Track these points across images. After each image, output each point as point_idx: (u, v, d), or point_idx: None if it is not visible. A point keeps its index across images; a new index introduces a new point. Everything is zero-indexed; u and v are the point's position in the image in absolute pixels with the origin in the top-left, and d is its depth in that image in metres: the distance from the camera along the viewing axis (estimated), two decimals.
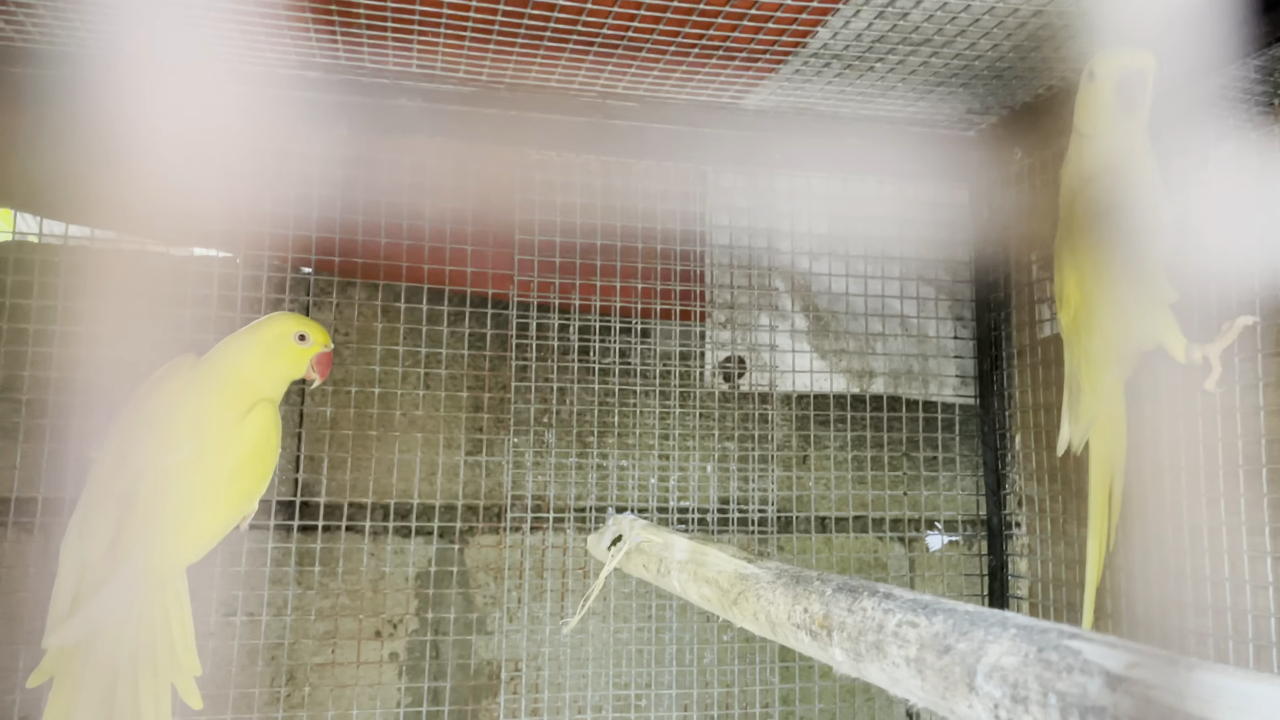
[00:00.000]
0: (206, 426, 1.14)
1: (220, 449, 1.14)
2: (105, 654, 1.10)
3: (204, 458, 1.13)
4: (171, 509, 1.11)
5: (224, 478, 1.14)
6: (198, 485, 1.13)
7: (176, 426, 1.14)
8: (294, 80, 1.35)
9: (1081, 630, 0.51)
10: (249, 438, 1.16)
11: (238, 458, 1.15)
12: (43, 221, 1.34)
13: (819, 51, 1.26)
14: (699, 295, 1.56)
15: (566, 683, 1.48)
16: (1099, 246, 1.16)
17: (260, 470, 1.18)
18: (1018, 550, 1.57)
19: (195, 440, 1.13)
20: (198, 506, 1.13)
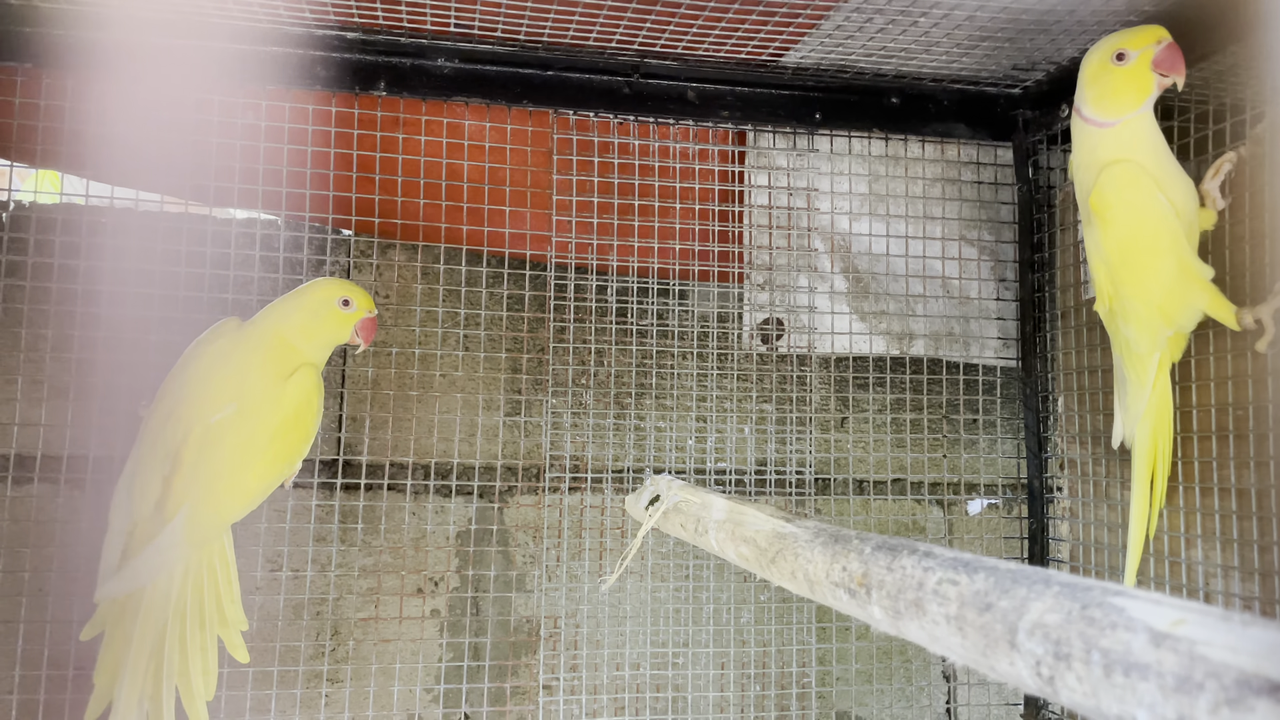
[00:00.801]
0: (249, 388, 1.16)
1: (262, 411, 1.16)
2: (153, 608, 1.13)
3: (246, 419, 1.15)
4: (215, 468, 1.14)
5: (265, 439, 1.16)
6: (240, 445, 1.15)
7: (220, 387, 1.16)
8: (333, 41, 1.35)
9: (1126, 588, 0.51)
10: (291, 400, 1.18)
11: (280, 420, 1.17)
12: (89, 184, 1.36)
13: (861, 6, 1.23)
14: (737, 256, 1.55)
15: (605, 640, 1.50)
16: (1123, 240, 1.14)
17: (301, 433, 1.20)
18: (1059, 514, 1.56)
19: (239, 401, 1.15)
20: (240, 466, 1.16)
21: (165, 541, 1.12)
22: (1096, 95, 1.15)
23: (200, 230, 1.40)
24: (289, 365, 1.19)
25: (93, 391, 1.37)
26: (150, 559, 1.12)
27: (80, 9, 1.27)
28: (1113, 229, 1.14)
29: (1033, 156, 1.58)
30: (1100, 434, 1.46)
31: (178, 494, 1.13)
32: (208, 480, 1.14)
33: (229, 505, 1.17)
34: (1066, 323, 1.53)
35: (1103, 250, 1.17)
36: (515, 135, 1.46)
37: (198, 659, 1.15)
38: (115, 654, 1.14)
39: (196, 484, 1.13)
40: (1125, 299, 1.16)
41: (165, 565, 1.13)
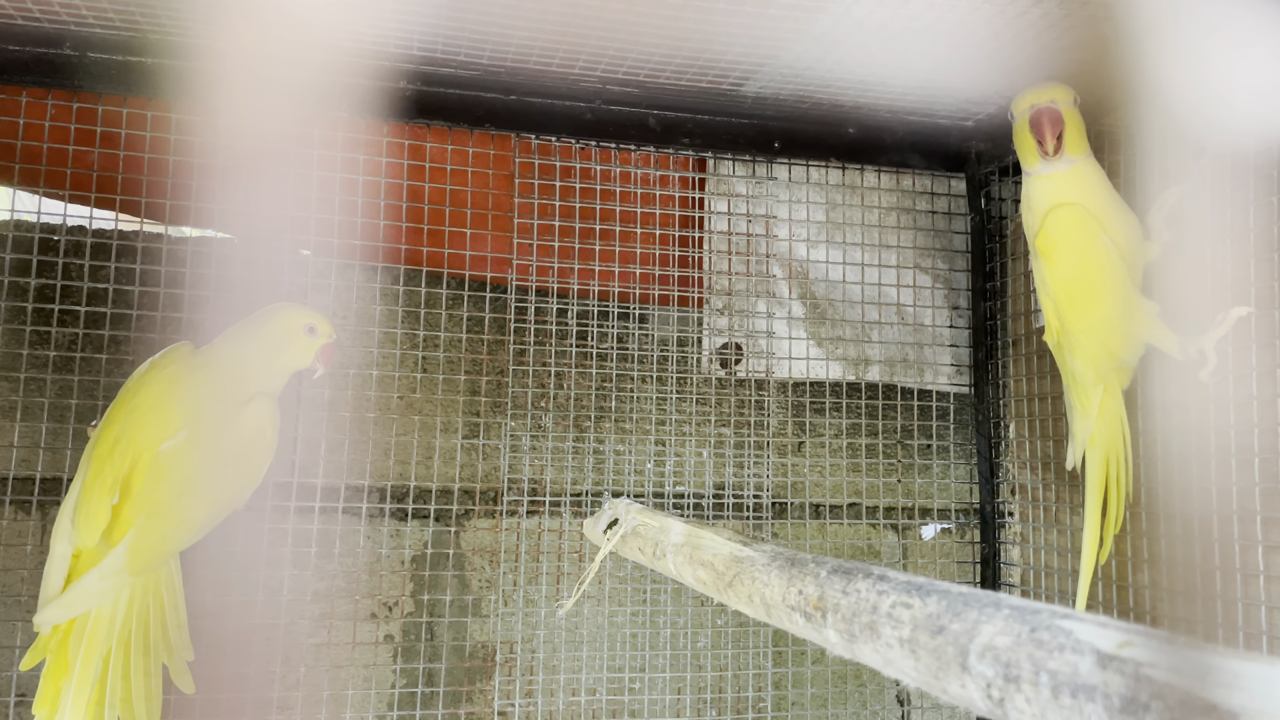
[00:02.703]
0: (201, 416, 1.13)
1: (214, 440, 1.13)
2: (97, 635, 1.10)
3: (197, 447, 1.12)
4: (163, 496, 1.11)
5: (216, 469, 1.14)
6: (189, 474, 1.12)
7: (171, 414, 1.13)
8: (295, 62, 1.34)
9: (1074, 611, 0.52)
10: (244, 430, 1.15)
11: (231, 450, 1.14)
12: (41, 200, 1.34)
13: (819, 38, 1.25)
14: (697, 281, 1.56)
15: (561, 665, 1.49)
16: (1068, 280, 1.18)
17: (254, 464, 1.17)
18: (1010, 538, 1.58)
19: (190, 429, 1.13)
20: (188, 495, 1.13)
21: (109, 567, 1.09)
22: (1016, 146, 1.21)
23: (155, 249, 1.38)
24: (244, 393, 1.16)
25: (40, 411, 1.34)
26: (93, 584, 1.09)
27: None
28: (1058, 269, 1.18)
29: (985, 188, 1.62)
30: (1050, 459, 1.49)
31: (124, 520, 1.10)
32: (154, 508, 1.11)
33: (175, 534, 1.14)
34: (1017, 350, 1.57)
35: (1049, 287, 1.20)
36: (477, 158, 1.46)
37: (141, 686, 1.13)
38: (56, 682, 1.11)
39: (142, 511, 1.11)
40: (1071, 334, 1.20)
41: (109, 591, 1.10)
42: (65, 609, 1.09)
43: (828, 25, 1.22)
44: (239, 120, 1.35)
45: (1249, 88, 1.10)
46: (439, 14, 1.19)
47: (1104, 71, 1.19)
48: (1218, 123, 1.14)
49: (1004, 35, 1.23)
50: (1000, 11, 1.17)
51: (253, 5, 1.13)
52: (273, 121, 1.37)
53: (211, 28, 1.25)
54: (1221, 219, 1.18)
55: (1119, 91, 1.19)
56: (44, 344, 1.35)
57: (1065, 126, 1.16)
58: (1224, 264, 1.17)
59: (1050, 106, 1.16)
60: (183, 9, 1.20)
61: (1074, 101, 1.17)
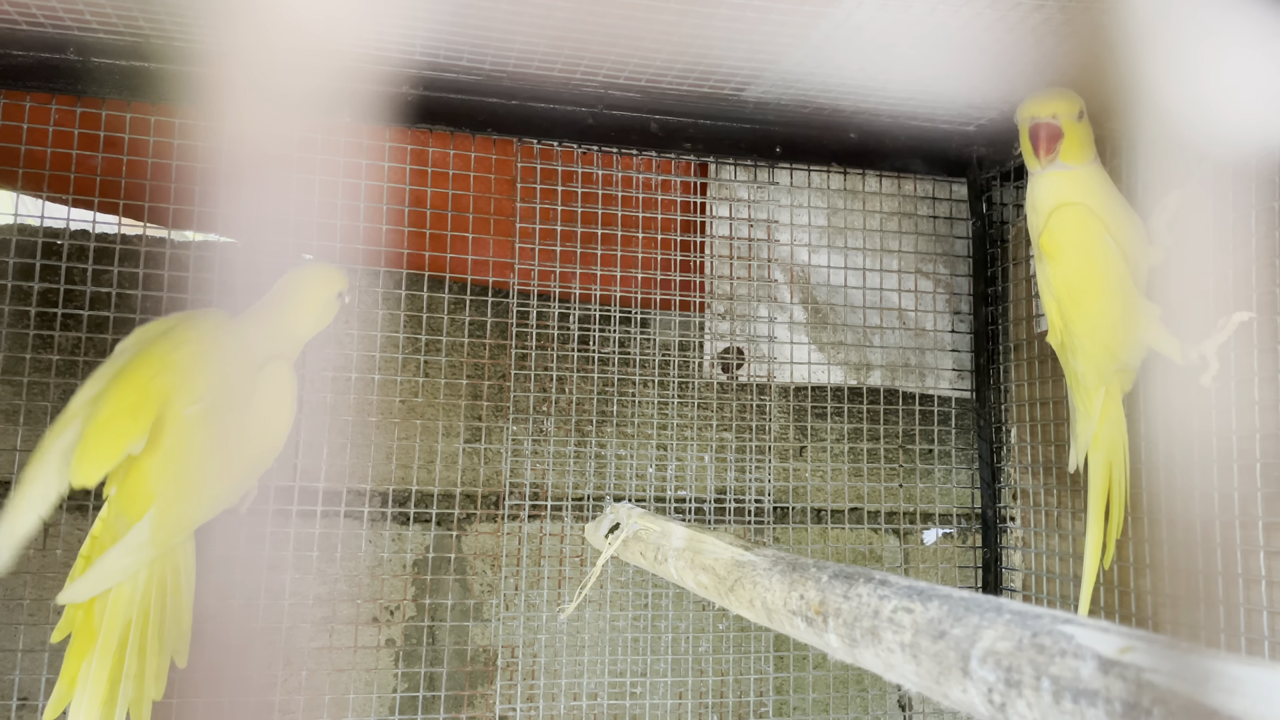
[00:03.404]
0: (224, 382, 1.14)
1: (235, 407, 1.14)
2: (119, 608, 1.11)
3: (219, 414, 1.13)
4: (187, 464, 1.11)
5: (237, 435, 1.14)
6: (211, 442, 1.13)
7: (198, 378, 1.13)
8: (298, 67, 1.35)
9: (1075, 616, 0.52)
10: (264, 394, 1.16)
11: (251, 415, 1.15)
12: (45, 205, 1.34)
13: (820, 44, 1.26)
14: (698, 286, 1.56)
15: (562, 670, 1.49)
16: (1071, 280, 1.18)
17: (275, 429, 1.17)
18: (1012, 543, 1.58)
19: (212, 395, 1.13)
20: (212, 463, 1.13)
21: (133, 541, 1.09)
22: (1021, 147, 1.22)
23: (157, 253, 1.39)
24: (260, 356, 1.16)
25: (44, 416, 1.34)
26: (118, 559, 1.09)
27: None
28: (1062, 269, 1.18)
29: (986, 192, 1.62)
30: (1052, 464, 1.49)
31: (147, 490, 1.10)
32: (178, 478, 1.10)
33: (199, 505, 1.14)
34: (1019, 355, 1.57)
35: (1053, 288, 1.20)
36: (479, 163, 1.46)
37: (154, 663, 1.13)
38: (79, 657, 1.11)
39: (166, 481, 1.10)
40: (1074, 335, 1.20)
41: (133, 566, 1.11)
42: (91, 586, 1.09)
43: (828, 31, 1.22)
44: (242, 125, 1.36)
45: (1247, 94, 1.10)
46: (442, 20, 1.20)
47: (1105, 77, 1.20)
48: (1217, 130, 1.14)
49: (1005, 40, 1.24)
50: (1001, 17, 1.17)
51: (256, 10, 1.14)
52: (276, 126, 1.37)
53: (215, 33, 1.26)
54: (1223, 224, 1.18)
55: (1120, 97, 1.19)
56: (47, 348, 1.36)
57: (1064, 138, 1.16)
58: (1226, 269, 1.17)
59: (1050, 122, 1.16)
60: (186, 14, 1.21)
61: (1079, 114, 1.17)
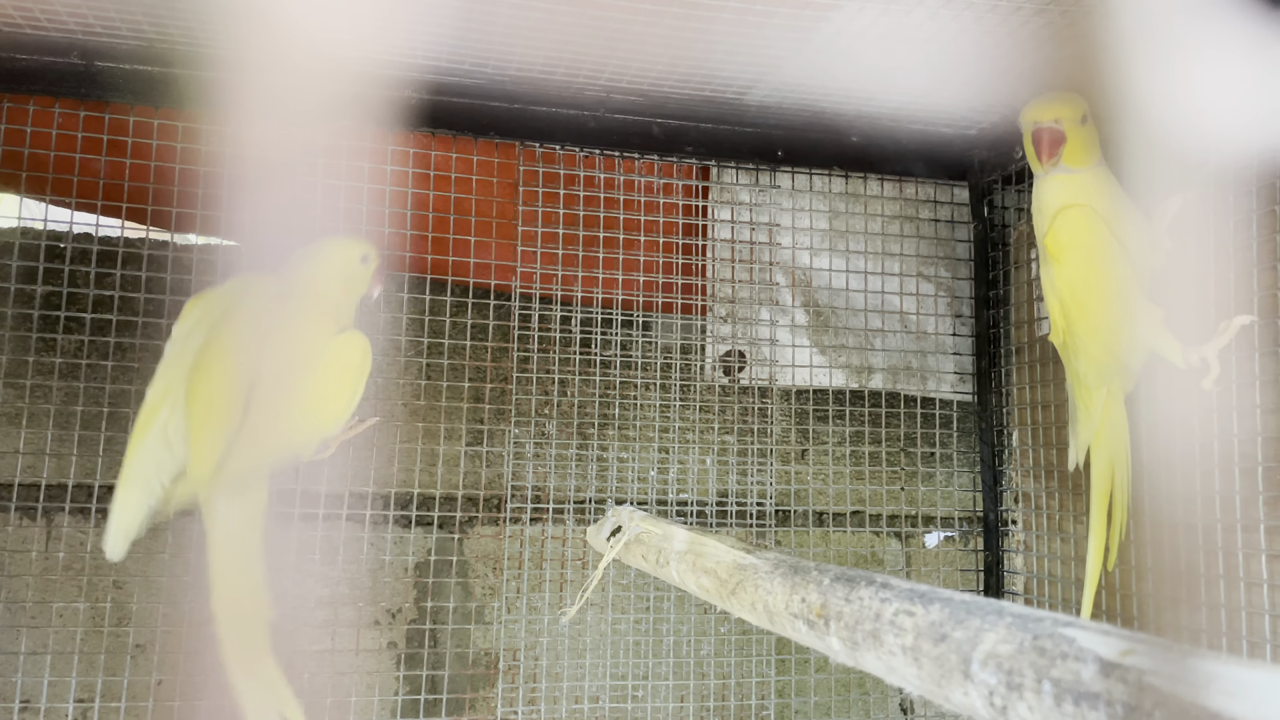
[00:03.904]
0: (304, 345, 1.18)
1: (313, 368, 1.18)
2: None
3: (302, 374, 1.18)
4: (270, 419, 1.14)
5: (310, 397, 1.18)
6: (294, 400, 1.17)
7: (274, 343, 1.18)
8: (300, 71, 1.35)
9: (1076, 619, 0.52)
10: (338, 358, 1.20)
11: (329, 377, 1.19)
12: (48, 208, 1.35)
13: (823, 48, 1.26)
14: (700, 289, 1.56)
15: (564, 673, 1.49)
16: (1075, 281, 1.18)
17: (348, 392, 1.21)
18: (1013, 546, 1.58)
19: (296, 359, 1.18)
20: (293, 419, 1.17)
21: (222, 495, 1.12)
22: (1025, 150, 1.22)
23: (160, 256, 1.39)
24: (334, 325, 1.21)
25: (46, 419, 1.34)
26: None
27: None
28: (1066, 270, 1.18)
29: (988, 196, 1.62)
30: (1054, 467, 1.49)
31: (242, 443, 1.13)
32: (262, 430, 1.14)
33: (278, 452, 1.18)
34: (1021, 358, 1.57)
35: (1056, 289, 1.21)
36: (481, 166, 1.47)
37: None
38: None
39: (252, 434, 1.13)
40: (1076, 335, 1.20)
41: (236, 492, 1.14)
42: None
43: (830, 35, 1.22)
44: (244, 128, 1.36)
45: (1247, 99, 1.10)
46: (444, 25, 1.20)
47: (1105, 81, 1.20)
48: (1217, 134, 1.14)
49: (1006, 45, 1.24)
50: (1003, 21, 1.18)
51: (257, 15, 1.14)
52: (278, 130, 1.38)
53: (217, 37, 1.26)
54: (1224, 228, 1.18)
55: (1120, 101, 1.19)
56: (50, 351, 1.36)
57: (1067, 142, 1.16)
58: (1227, 272, 1.17)
59: (1052, 126, 1.16)
60: (189, 19, 1.21)
61: (1082, 117, 1.17)
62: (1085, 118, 1.17)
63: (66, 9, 1.20)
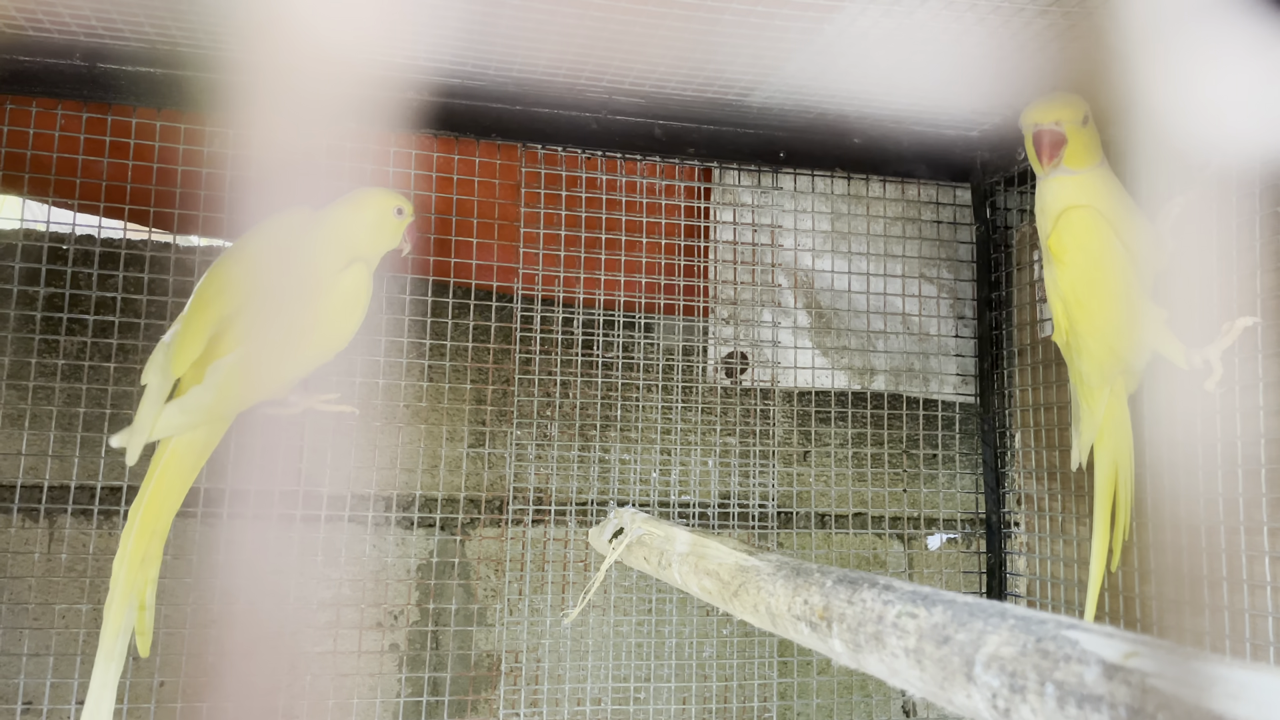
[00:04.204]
0: (307, 275, 1.21)
1: (315, 297, 1.20)
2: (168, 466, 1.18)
3: (299, 301, 1.19)
4: (258, 342, 1.16)
5: (312, 323, 1.20)
6: (286, 325, 1.19)
7: (280, 270, 1.20)
8: (302, 73, 1.35)
9: (1079, 621, 0.52)
10: (343, 290, 1.22)
11: (329, 307, 1.21)
12: (50, 210, 1.35)
13: (824, 50, 1.26)
14: (702, 291, 1.56)
15: (566, 675, 1.49)
16: (1078, 282, 1.18)
17: (344, 324, 1.23)
18: (1016, 548, 1.58)
19: (295, 285, 1.20)
20: (281, 344, 1.19)
21: (191, 402, 1.14)
22: (1027, 152, 1.22)
23: (163, 258, 1.39)
24: (345, 259, 1.23)
25: (48, 420, 1.34)
26: (173, 416, 1.14)
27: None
28: (1069, 271, 1.18)
29: (990, 197, 1.62)
30: (1056, 469, 1.48)
31: (219, 354, 1.15)
32: (246, 353, 1.16)
33: (260, 381, 1.19)
34: (1023, 360, 1.57)
35: (1060, 289, 1.21)
36: (484, 168, 1.47)
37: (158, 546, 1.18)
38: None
39: (234, 353, 1.15)
40: (1079, 336, 1.20)
41: (185, 426, 1.16)
42: (143, 434, 1.15)
43: (832, 37, 1.22)
44: (247, 130, 1.36)
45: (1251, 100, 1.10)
46: (447, 27, 1.20)
47: (1108, 82, 1.20)
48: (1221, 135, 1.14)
49: (1009, 46, 1.24)
50: (1005, 23, 1.18)
51: (262, 17, 1.14)
52: (280, 131, 1.38)
53: (220, 39, 1.26)
54: (1228, 229, 1.18)
55: (1123, 103, 1.19)
56: (52, 352, 1.36)
57: (1068, 144, 1.16)
58: (1230, 274, 1.17)
59: (1053, 128, 1.16)
60: (192, 20, 1.21)
61: (1083, 119, 1.17)
62: (1086, 119, 1.17)
63: (69, 10, 1.20)
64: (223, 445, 1.33)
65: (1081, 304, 1.18)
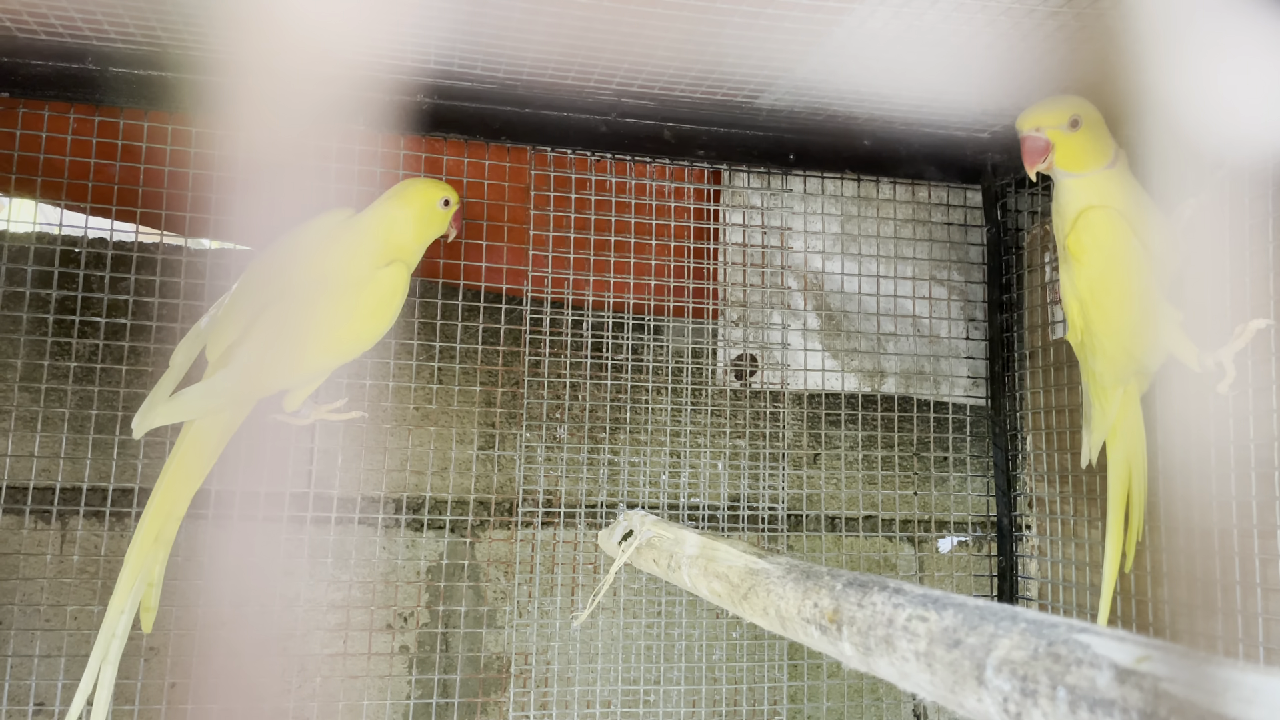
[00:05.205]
0: (347, 269, 1.22)
1: (350, 291, 1.22)
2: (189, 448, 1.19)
3: (334, 295, 1.21)
4: (285, 332, 1.18)
5: (345, 317, 1.21)
6: (319, 318, 1.20)
7: (320, 264, 1.22)
8: (313, 76, 1.36)
9: (1091, 625, 0.51)
10: (380, 286, 1.23)
11: (360, 305, 1.22)
12: (63, 213, 1.36)
13: (836, 52, 1.26)
14: (711, 293, 1.56)
15: (575, 677, 1.49)
16: (1095, 281, 1.18)
17: (376, 322, 1.24)
18: (1027, 552, 1.57)
19: (333, 279, 1.21)
20: (311, 336, 1.20)
21: (216, 386, 1.15)
22: None
23: (174, 261, 1.40)
24: (385, 258, 1.24)
25: (61, 422, 1.35)
26: (195, 398, 1.16)
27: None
28: (1086, 271, 1.17)
29: (1001, 199, 1.62)
30: (1068, 472, 1.48)
31: (248, 346, 1.16)
32: (273, 341, 1.17)
33: (285, 370, 1.21)
34: (1034, 362, 1.56)
35: (1076, 289, 1.20)
36: (493, 171, 1.47)
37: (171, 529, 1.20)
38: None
39: (261, 341, 1.17)
40: (1094, 335, 1.19)
41: (207, 410, 1.17)
42: (165, 415, 1.16)
43: (842, 39, 1.22)
44: (258, 133, 1.37)
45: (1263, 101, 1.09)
46: (455, 28, 1.20)
47: (1120, 83, 1.19)
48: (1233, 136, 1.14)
49: (1020, 48, 1.23)
50: (1016, 24, 1.17)
51: (271, 20, 1.15)
52: (291, 134, 1.38)
53: (231, 42, 1.27)
54: (1240, 231, 1.17)
55: (1134, 103, 1.19)
56: (65, 355, 1.37)
57: (1057, 149, 1.16)
58: (1243, 276, 1.16)
59: (1032, 135, 1.16)
60: (202, 24, 1.22)
61: (1069, 122, 1.16)
62: (1075, 122, 1.16)
63: (81, 15, 1.21)
64: (234, 448, 1.33)
65: (1098, 304, 1.18)
